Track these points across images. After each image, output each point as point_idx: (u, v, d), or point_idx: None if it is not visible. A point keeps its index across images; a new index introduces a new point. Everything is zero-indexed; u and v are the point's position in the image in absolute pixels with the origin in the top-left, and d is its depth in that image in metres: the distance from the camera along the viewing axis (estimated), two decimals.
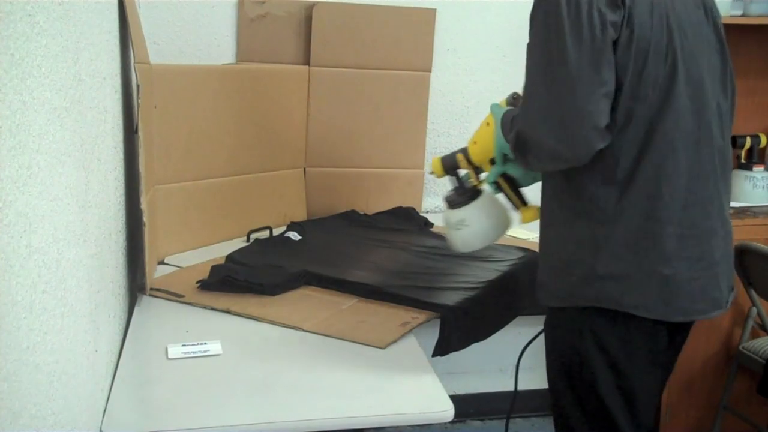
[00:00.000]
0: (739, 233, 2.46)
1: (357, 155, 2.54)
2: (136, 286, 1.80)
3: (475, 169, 1.66)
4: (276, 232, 2.28)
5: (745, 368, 2.50)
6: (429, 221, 2.44)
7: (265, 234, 2.27)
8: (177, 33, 2.45)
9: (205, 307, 1.72)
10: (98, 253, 1.30)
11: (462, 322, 1.67)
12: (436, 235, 2.28)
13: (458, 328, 1.65)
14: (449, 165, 1.67)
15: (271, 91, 2.36)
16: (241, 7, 2.46)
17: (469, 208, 1.64)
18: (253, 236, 2.24)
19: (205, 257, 2.05)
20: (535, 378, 1.57)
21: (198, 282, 1.82)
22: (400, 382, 1.40)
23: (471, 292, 1.78)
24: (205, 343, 1.51)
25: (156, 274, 1.94)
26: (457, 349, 1.65)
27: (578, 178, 1.37)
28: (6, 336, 0.77)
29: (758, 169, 2.76)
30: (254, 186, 2.35)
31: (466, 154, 1.64)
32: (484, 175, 1.67)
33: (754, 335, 2.53)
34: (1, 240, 0.76)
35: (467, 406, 2.71)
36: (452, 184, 1.67)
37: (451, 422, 1.98)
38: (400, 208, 2.51)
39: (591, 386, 1.44)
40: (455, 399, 1.35)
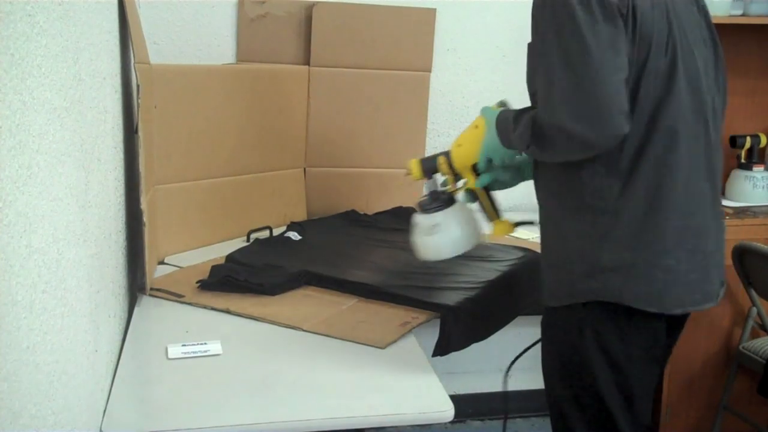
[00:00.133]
0: (739, 233, 2.48)
1: (357, 155, 2.54)
2: (136, 286, 1.80)
3: (454, 175, 1.62)
4: (276, 232, 2.28)
5: (745, 368, 2.50)
6: None
7: (265, 234, 2.27)
8: (177, 33, 2.45)
9: (205, 307, 1.72)
10: (98, 253, 1.30)
11: (462, 322, 1.67)
12: None
13: (458, 328, 1.65)
14: (428, 168, 1.62)
15: (271, 91, 2.36)
16: (241, 7, 2.46)
17: (445, 214, 1.60)
18: (253, 236, 2.24)
19: (205, 257, 2.05)
20: (536, 378, 1.57)
21: (198, 282, 1.82)
22: (400, 382, 1.40)
23: (471, 292, 1.77)
24: (205, 343, 1.51)
25: (156, 274, 1.94)
26: (457, 349, 1.65)
27: (579, 172, 1.37)
28: (6, 336, 0.77)
29: (758, 169, 2.75)
30: (254, 186, 2.35)
31: (448, 157, 1.60)
32: (461, 183, 1.63)
33: (754, 335, 2.53)
34: (1, 240, 0.76)
35: (467, 406, 2.71)
36: (428, 188, 1.64)
37: (451, 422, 1.98)
38: (400, 208, 2.50)
39: (590, 385, 1.44)
40: (455, 399, 1.34)
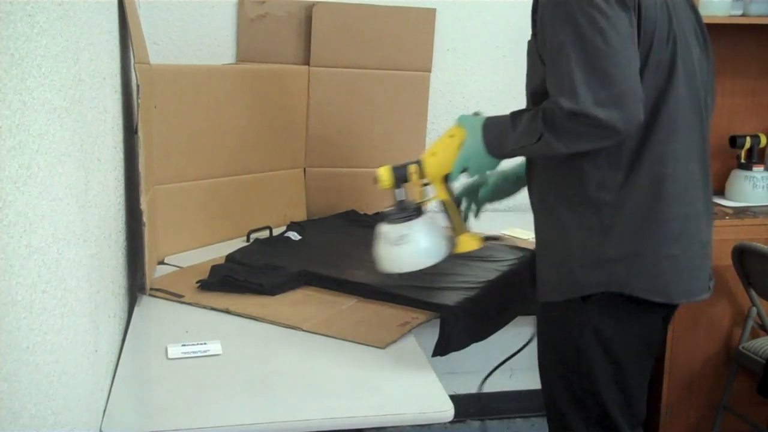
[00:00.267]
0: (739, 233, 2.47)
1: (357, 155, 2.54)
2: (136, 286, 1.80)
3: (423, 185, 1.57)
4: (276, 232, 2.28)
5: (745, 368, 2.49)
6: None
7: (265, 234, 2.27)
8: (177, 33, 2.45)
9: (204, 307, 1.72)
10: (98, 253, 1.30)
11: (462, 322, 1.67)
12: None
13: (458, 328, 1.65)
14: (399, 176, 1.55)
15: (271, 91, 2.36)
16: (241, 7, 2.46)
17: (413, 225, 1.55)
18: (253, 236, 2.24)
19: (205, 257, 2.05)
20: (535, 378, 1.57)
21: (198, 282, 1.82)
22: (400, 382, 1.40)
23: (471, 292, 1.77)
24: (205, 343, 1.51)
25: (156, 274, 1.94)
26: (457, 349, 1.65)
27: (581, 165, 1.38)
28: (6, 336, 0.77)
29: (758, 169, 2.75)
30: (254, 186, 2.35)
31: (420, 166, 1.54)
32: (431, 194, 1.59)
33: (754, 335, 2.52)
34: (1, 240, 0.76)
35: (467, 406, 2.71)
36: (396, 197, 1.57)
37: (451, 422, 1.97)
38: None
39: (588, 380, 1.44)
40: (455, 399, 1.34)
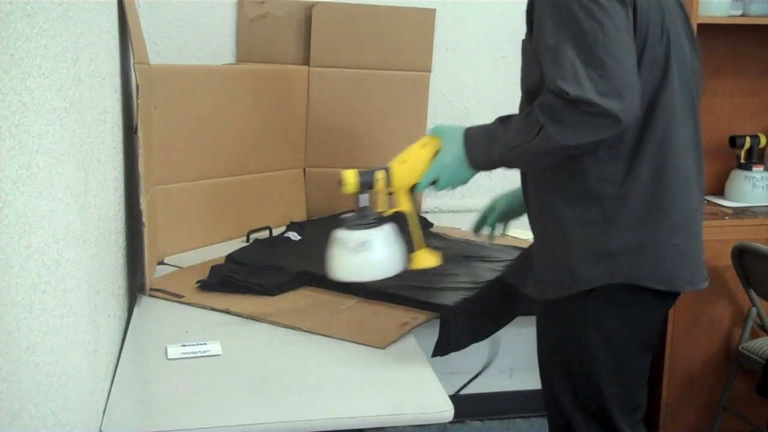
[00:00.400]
0: (739, 233, 2.47)
1: (357, 155, 2.53)
2: (136, 286, 1.80)
3: (389, 194, 1.54)
4: (276, 232, 2.28)
5: (745, 368, 2.49)
6: (429, 221, 2.44)
7: (265, 234, 2.27)
8: (177, 33, 2.45)
9: (204, 308, 1.72)
10: (98, 254, 1.30)
11: (462, 322, 1.67)
12: (435, 236, 2.28)
13: (458, 328, 1.65)
14: (365, 182, 1.51)
15: (271, 91, 2.36)
16: (241, 7, 2.46)
17: (375, 232, 1.52)
18: (253, 236, 2.24)
19: (205, 257, 2.05)
20: (535, 378, 1.57)
21: (198, 282, 1.82)
22: (400, 382, 1.40)
23: (471, 292, 1.77)
24: (205, 344, 1.51)
25: (156, 274, 1.94)
26: (456, 349, 1.65)
27: (582, 160, 1.38)
28: (6, 336, 0.77)
29: (758, 169, 2.75)
30: (254, 186, 2.35)
31: (387, 174, 1.51)
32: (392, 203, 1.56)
33: (754, 335, 2.52)
34: (1, 240, 0.76)
35: (467, 406, 2.71)
36: (359, 203, 1.53)
37: (451, 422, 1.97)
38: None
39: (590, 375, 1.44)
40: (455, 399, 1.35)
